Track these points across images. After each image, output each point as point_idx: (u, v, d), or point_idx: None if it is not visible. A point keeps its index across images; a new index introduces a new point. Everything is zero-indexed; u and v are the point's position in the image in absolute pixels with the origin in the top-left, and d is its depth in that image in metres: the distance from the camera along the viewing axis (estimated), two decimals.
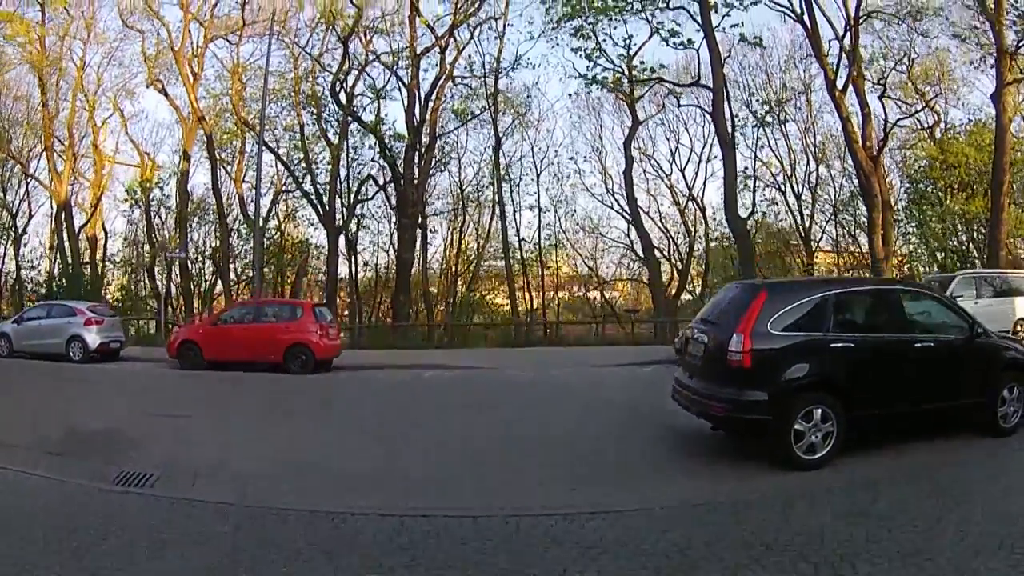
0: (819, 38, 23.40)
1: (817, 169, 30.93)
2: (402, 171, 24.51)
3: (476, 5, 26.56)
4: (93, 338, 18.11)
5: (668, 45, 24.27)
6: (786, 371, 7.30)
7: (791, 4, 24.56)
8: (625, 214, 30.14)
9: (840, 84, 23.38)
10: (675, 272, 32.91)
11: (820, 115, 30.85)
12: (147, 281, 31.25)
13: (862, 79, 23.51)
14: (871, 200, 22.37)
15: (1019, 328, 18.43)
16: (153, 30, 32.04)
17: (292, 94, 28.28)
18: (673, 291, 30.67)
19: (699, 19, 23.15)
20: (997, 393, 8.10)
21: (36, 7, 28.44)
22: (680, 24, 24.70)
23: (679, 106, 28.89)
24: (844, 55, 23.04)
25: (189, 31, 31.14)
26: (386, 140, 25.96)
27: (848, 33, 23.08)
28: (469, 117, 27.51)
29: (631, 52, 24.89)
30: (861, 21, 22.87)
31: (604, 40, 24.55)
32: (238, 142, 32.10)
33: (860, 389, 7.43)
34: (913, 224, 25.41)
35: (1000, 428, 8.08)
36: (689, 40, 24.55)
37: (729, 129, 23.99)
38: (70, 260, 29.40)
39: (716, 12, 23.27)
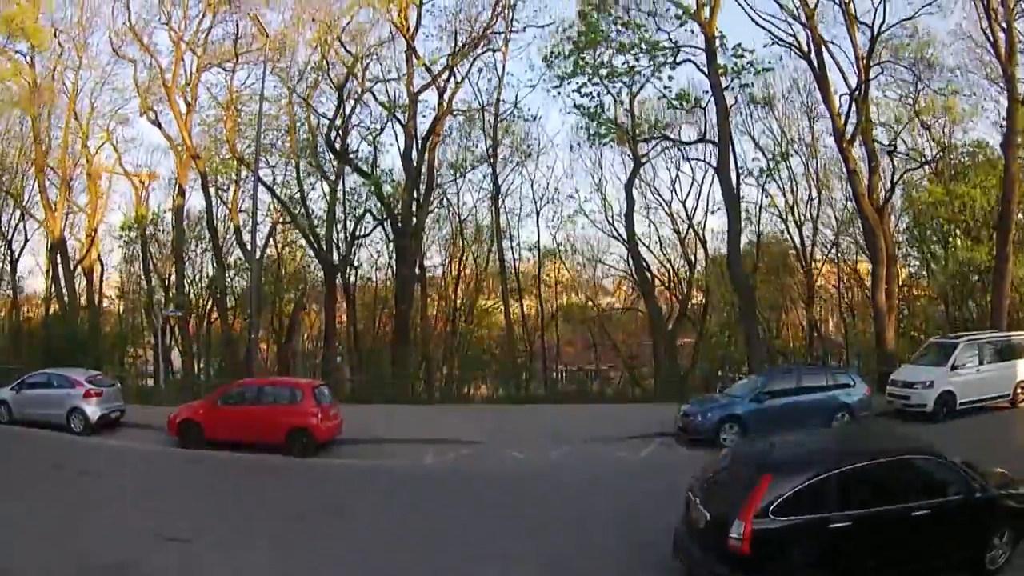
0: (828, 83, 23.37)
1: (819, 197, 31.10)
2: (398, 215, 24.48)
3: (475, 41, 26.48)
4: (94, 410, 18.43)
5: (675, 107, 24.30)
6: (785, 556, 7.60)
7: (798, 41, 24.57)
8: (625, 245, 30.23)
9: (848, 129, 23.40)
10: (674, 299, 33.16)
11: (822, 140, 31.17)
12: (144, 318, 31.41)
13: (871, 127, 23.51)
14: (875, 254, 22.49)
15: (1019, 390, 18.79)
16: (145, 58, 32.10)
17: (288, 132, 28.26)
18: (671, 324, 30.88)
19: (706, 70, 23.13)
20: (988, 542, 8.43)
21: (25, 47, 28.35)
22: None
23: (685, 159, 28.98)
24: (853, 104, 22.99)
25: (182, 59, 31.15)
26: (383, 186, 25.99)
27: (859, 87, 22.98)
28: (468, 168, 27.64)
29: (635, 108, 24.76)
30: (872, 79, 22.85)
31: (606, 93, 24.45)
32: (233, 172, 32.27)
33: (857, 566, 7.74)
34: (917, 273, 25.52)
35: (985, 571, 8.41)
36: (696, 99, 24.73)
37: (734, 180, 23.97)
38: (66, 297, 29.58)
39: (726, 76, 23.32)
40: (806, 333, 32.19)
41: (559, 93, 24.51)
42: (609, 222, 31.94)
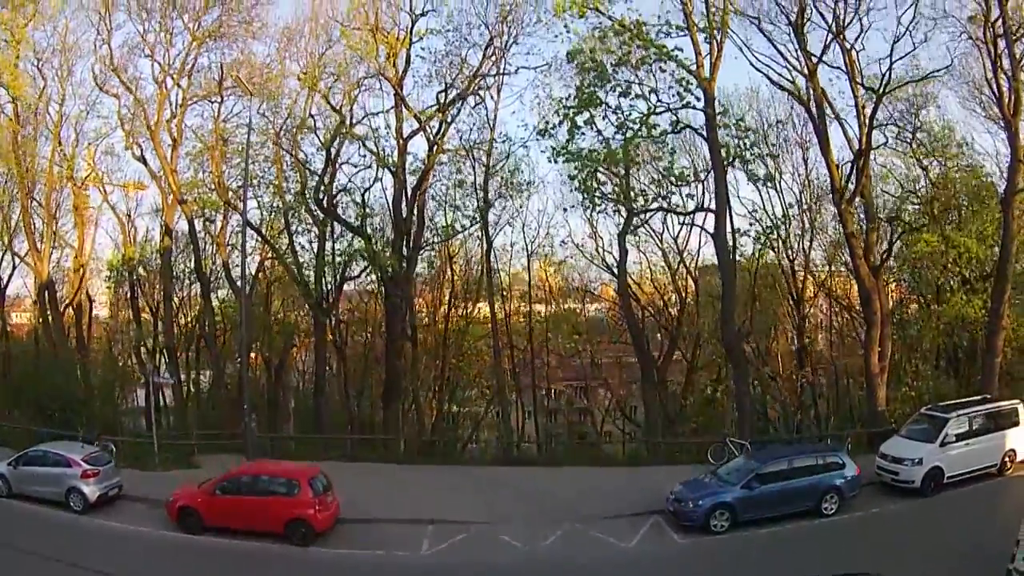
0: (828, 140, 23.52)
1: (812, 230, 31.55)
2: (389, 267, 24.74)
3: (464, 92, 26.60)
4: (92, 490, 18.97)
5: (675, 184, 24.53)
6: None
7: (798, 87, 24.67)
8: (616, 294, 30.61)
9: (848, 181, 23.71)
10: (665, 335, 33.71)
11: (815, 168, 31.58)
12: (134, 359, 31.79)
13: (870, 187, 23.77)
14: (870, 317, 22.86)
15: (1007, 461, 19.49)
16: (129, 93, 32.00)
17: (275, 176, 28.43)
18: (660, 360, 31.48)
19: (705, 133, 23.36)
20: None
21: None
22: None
23: (681, 225, 29.20)
24: (854, 168, 23.19)
25: (168, 97, 31.05)
26: (372, 240, 26.27)
27: (860, 156, 23.18)
28: (460, 230, 27.97)
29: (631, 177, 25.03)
30: (874, 147, 23.05)
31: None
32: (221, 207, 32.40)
33: None
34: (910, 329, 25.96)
35: None
36: (695, 172, 24.99)
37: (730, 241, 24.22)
38: (55, 336, 29.91)
39: (731, 164, 23.53)
40: (795, 358, 32.52)
41: (554, 161, 24.69)
42: (600, 256, 32.49)
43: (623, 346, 34.36)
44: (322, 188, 26.56)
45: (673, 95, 23.28)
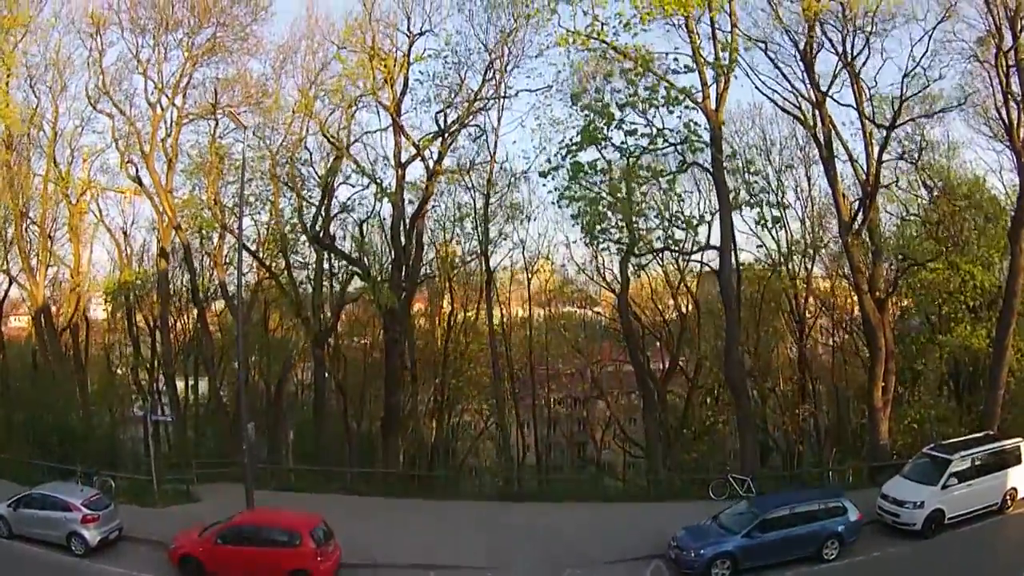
0: (836, 172, 23.38)
1: (814, 256, 31.56)
2: (386, 306, 24.73)
3: (462, 118, 26.50)
4: (93, 535, 19.12)
5: (683, 228, 24.55)
6: None
7: (804, 113, 24.56)
8: (620, 329, 30.45)
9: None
10: (666, 353, 33.79)
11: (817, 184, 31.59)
12: (131, 380, 31.86)
13: (879, 222, 23.77)
14: (875, 353, 22.81)
15: (1008, 499, 19.65)
16: (125, 109, 31.81)
17: (272, 201, 28.39)
18: (662, 378, 31.60)
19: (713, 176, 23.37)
20: None
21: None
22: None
23: (686, 263, 29.01)
24: (864, 202, 23.15)
25: (162, 116, 30.87)
26: (371, 270, 26.28)
27: (868, 196, 23.15)
28: (460, 264, 27.93)
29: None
30: (883, 185, 23.01)
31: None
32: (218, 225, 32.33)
33: None
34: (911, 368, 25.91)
35: None
36: (702, 216, 24.96)
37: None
38: (52, 361, 29.99)
39: (739, 213, 23.57)
40: (795, 371, 32.53)
41: (557, 205, 24.72)
42: (600, 274, 32.52)
43: (623, 349, 34.41)
44: (319, 221, 26.48)
45: (680, 136, 23.14)
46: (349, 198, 27.75)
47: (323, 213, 26.90)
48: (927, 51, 22.47)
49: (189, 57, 31.12)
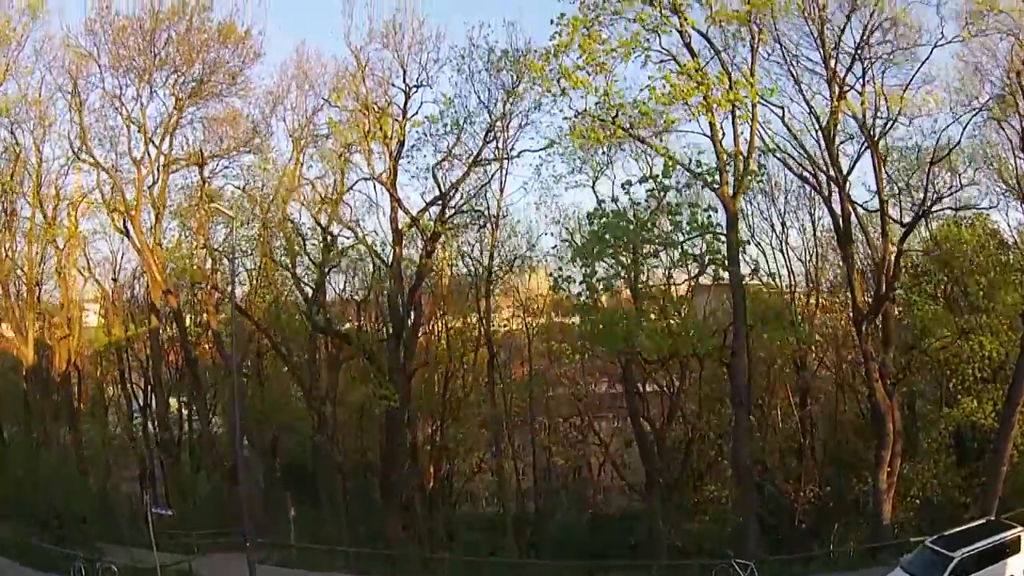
0: (854, 258, 23.24)
1: (818, 299, 31.58)
2: (386, 400, 24.74)
3: (458, 183, 26.37)
4: None
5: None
6: None
7: (819, 182, 24.28)
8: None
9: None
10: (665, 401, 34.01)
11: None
12: (127, 436, 31.96)
13: (893, 308, 23.62)
14: (883, 438, 22.58)
15: None
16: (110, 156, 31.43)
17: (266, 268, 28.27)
18: (661, 425, 31.98)
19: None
20: None
21: None
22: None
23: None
24: (880, 294, 22.87)
25: (145, 176, 30.57)
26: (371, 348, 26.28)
27: (887, 296, 22.94)
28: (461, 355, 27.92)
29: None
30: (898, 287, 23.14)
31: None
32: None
33: None
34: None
35: None
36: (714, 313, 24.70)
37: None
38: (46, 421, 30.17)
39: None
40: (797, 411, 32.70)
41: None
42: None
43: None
44: (316, 307, 26.39)
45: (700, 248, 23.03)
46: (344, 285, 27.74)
47: (317, 300, 26.75)
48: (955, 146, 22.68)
49: (175, 99, 30.79)
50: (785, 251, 32.66)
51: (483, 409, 31.72)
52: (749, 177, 22.73)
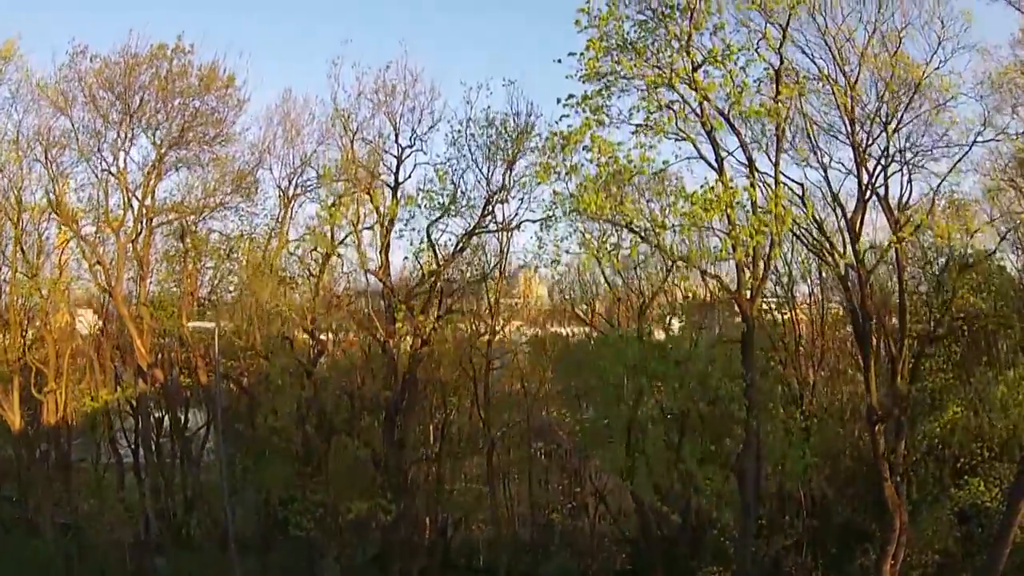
0: (873, 360, 22.36)
1: (823, 358, 31.40)
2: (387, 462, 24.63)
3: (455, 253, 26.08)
4: None
5: None
6: None
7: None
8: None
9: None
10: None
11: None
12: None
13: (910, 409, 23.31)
14: (889, 534, 22.25)
15: None
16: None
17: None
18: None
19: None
20: None
21: None
22: None
23: None
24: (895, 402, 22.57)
25: (127, 238, 30.09)
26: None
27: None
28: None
29: None
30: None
31: None
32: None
33: None
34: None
35: None
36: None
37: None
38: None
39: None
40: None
41: None
42: None
43: None
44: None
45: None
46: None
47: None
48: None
49: (157, 149, 30.06)
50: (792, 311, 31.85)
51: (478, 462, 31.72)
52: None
